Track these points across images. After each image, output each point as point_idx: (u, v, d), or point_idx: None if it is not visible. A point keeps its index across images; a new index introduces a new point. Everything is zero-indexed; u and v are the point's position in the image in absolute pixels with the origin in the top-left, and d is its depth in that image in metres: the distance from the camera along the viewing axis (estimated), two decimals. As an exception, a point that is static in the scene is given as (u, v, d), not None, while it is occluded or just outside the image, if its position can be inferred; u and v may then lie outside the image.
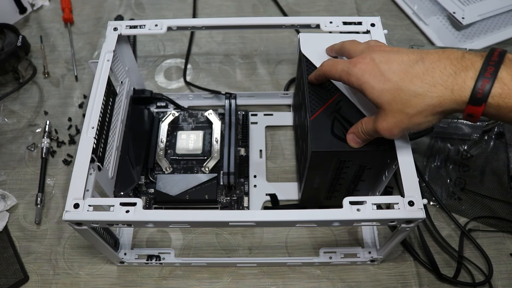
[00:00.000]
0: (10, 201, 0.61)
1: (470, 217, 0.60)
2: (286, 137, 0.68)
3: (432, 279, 0.56)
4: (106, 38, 0.55)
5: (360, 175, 0.51)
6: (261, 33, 0.81)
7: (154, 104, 0.69)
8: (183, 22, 0.56)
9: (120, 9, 0.84)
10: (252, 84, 0.74)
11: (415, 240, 0.59)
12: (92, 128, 0.47)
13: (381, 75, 0.39)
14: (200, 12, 0.85)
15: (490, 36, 0.77)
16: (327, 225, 0.55)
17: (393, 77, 0.38)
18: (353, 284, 0.56)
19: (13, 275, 0.56)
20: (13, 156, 0.67)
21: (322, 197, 0.57)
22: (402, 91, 0.38)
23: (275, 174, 0.65)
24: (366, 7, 0.84)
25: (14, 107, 0.72)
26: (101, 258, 0.58)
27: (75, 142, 0.68)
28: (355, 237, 0.59)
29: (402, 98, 0.38)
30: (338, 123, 0.47)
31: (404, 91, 0.38)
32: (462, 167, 0.63)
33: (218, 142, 0.64)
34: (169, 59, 0.78)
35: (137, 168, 0.61)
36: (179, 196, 0.59)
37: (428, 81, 0.37)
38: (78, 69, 0.76)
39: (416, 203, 0.41)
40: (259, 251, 0.59)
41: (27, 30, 0.81)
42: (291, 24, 0.56)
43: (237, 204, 0.61)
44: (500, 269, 0.56)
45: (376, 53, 0.41)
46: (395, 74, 0.38)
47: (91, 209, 0.42)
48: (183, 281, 0.56)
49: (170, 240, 0.59)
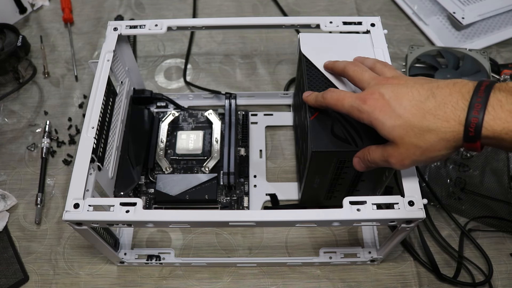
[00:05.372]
0: (10, 201, 0.61)
1: (470, 217, 0.60)
2: (286, 137, 0.68)
3: (432, 279, 0.56)
4: (106, 38, 0.55)
5: (360, 175, 0.51)
6: (261, 33, 0.81)
7: (154, 104, 0.69)
8: (183, 22, 0.56)
9: (120, 9, 0.84)
10: (252, 84, 0.74)
11: (415, 240, 0.59)
12: (92, 128, 0.47)
13: (392, 111, 0.38)
14: (200, 12, 0.85)
15: (490, 36, 0.77)
16: (327, 225, 0.56)
17: (404, 113, 0.38)
18: (353, 284, 0.56)
19: (13, 275, 0.56)
20: (13, 156, 0.67)
21: (322, 197, 0.57)
22: (415, 126, 0.37)
23: (275, 174, 0.65)
24: (366, 7, 0.84)
25: (14, 107, 0.72)
26: (101, 258, 0.58)
27: (75, 142, 0.68)
28: (355, 237, 0.59)
29: (416, 132, 0.37)
30: (338, 123, 0.47)
31: (417, 126, 0.37)
32: (462, 167, 0.63)
33: (218, 142, 0.64)
34: (169, 59, 0.78)
35: (137, 168, 0.61)
36: (179, 196, 0.59)
37: (441, 116, 0.36)
38: (78, 69, 0.76)
39: (416, 203, 0.41)
40: (259, 251, 0.59)
41: (27, 30, 0.81)
42: (291, 24, 0.56)
43: (237, 204, 0.61)
44: (500, 269, 0.56)
45: (384, 88, 0.40)
46: (406, 110, 0.38)
47: (91, 209, 0.42)
48: (183, 281, 0.56)
49: (170, 240, 0.59)
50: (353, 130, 0.46)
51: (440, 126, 0.36)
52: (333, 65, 0.49)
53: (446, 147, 0.37)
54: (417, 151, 0.38)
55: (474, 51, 0.70)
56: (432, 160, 0.39)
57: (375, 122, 0.39)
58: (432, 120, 0.36)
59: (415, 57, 0.72)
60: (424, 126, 0.37)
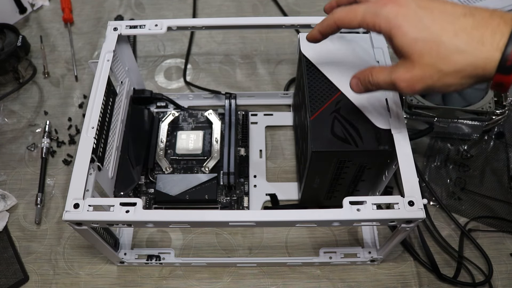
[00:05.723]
0: (10, 201, 0.61)
1: (470, 217, 0.60)
2: (286, 137, 0.68)
3: (432, 279, 0.56)
4: (106, 38, 0.55)
5: (360, 175, 0.51)
6: (261, 33, 0.81)
7: (154, 104, 0.69)
8: (183, 22, 0.56)
9: (120, 9, 0.84)
10: (252, 84, 0.74)
11: (415, 240, 0.59)
12: (92, 128, 0.47)
13: (419, 20, 0.33)
14: (200, 12, 0.85)
15: (490, 36, 0.77)
16: (327, 225, 0.56)
17: (434, 25, 0.32)
18: (353, 284, 0.56)
19: (13, 275, 0.56)
20: (13, 156, 0.67)
21: (322, 197, 0.57)
22: (443, 43, 0.32)
23: (275, 174, 0.65)
24: (366, 7, 0.84)
25: (14, 107, 0.72)
26: (101, 258, 0.58)
27: (75, 142, 0.68)
28: (355, 237, 0.59)
29: (441, 52, 0.32)
30: (338, 123, 0.47)
31: (445, 44, 0.32)
32: (462, 167, 0.63)
33: (218, 142, 0.64)
34: (169, 59, 0.78)
35: (137, 168, 0.61)
36: (179, 196, 0.59)
37: (476, 37, 0.31)
38: (78, 69, 0.76)
39: (416, 203, 0.41)
40: (259, 251, 0.59)
41: (27, 30, 0.81)
42: (291, 24, 0.56)
43: (237, 204, 0.61)
44: (500, 269, 0.56)
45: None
46: (436, 22, 0.32)
47: (91, 209, 0.42)
48: (183, 281, 0.56)
49: (170, 240, 0.59)
50: (353, 130, 0.46)
51: (473, 48, 0.31)
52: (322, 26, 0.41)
53: (471, 76, 0.32)
54: (436, 75, 0.33)
55: (474, 51, 0.70)
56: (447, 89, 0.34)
57: (394, 30, 0.34)
58: (465, 39, 0.32)
59: (415, 57, 0.72)
60: (454, 45, 0.32)
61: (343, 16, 0.38)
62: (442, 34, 0.32)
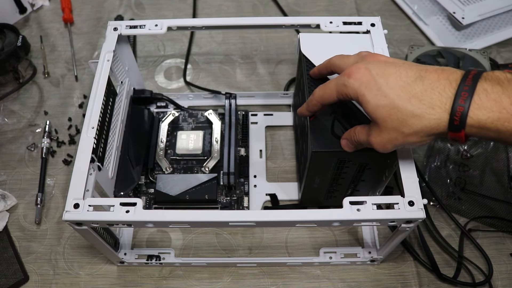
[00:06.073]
0: (10, 201, 0.61)
1: (470, 217, 0.60)
2: (286, 137, 0.68)
3: (432, 279, 0.56)
4: (106, 38, 0.55)
5: (360, 175, 0.51)
6: (261, 33, 0.81)
7: (154, 104, 0.69)
8: (183, 22, 0.56)
9: (120, 9, 0.84)
10: (252, 84, 0.74)
11: (415, 240, 0.59)
12: (92, 128, 0.47)
13: (378, 89, 0.37)
14: (200, 12, 0.85)
15: (490, 36, 0.77)
16: (327, 225, 0.55)
17: (390, 93, 0.36)
18: (353, 284, 0.56)
19: (13, 275, 0.56)
20: (13, 156, 0.67)
21: (322, 197, 0.57)
22: (399, 110, 0.36)
23: (275, 174, 0.65)
24: (366, 7, 0.84)
25: (14, 107, 0.72)
26: (101, 258, 0.58)
27: (75, 142, 0.68)
28: (355, 237, 0.59)
29: (399, 116, 0.36)
30: (338, 123, 0.47)
31: (401, 110, 0.36)
32: (462, 167, 0.63)
33: (218, 142, 0.64)
34: (169, 59, 0.78)
35: (137, 168, 0.61)
36: (179, 196, 0.59)
37: (426, 102, 0.35)
38: (78, 69, 0.76)
39: (416, 203, 0.41)
40: (259, 251, 0.59)
41: (27, 30, 0.81)
42: (291, 24, 0.56)
43: (237, 204, 0.61)
44: (500, 269, 0.56)
45: (371, 64, 0.39)
46: (392, 90, 0.36)
47: (91, 209, 0.42)
48: (183, 281, 0.56)
49: (170, 240, 0.59)
50: (353, 130, 0.46)
51: (425, 112, 0.35)
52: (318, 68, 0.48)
53: (429, 134, 0.36)
54: (399, 136, 0.37)
55: (474, 51, 0.70)
56: (413, 146, 0.38)
57: (360, 98, 0.38)
58: (417, 105, 0.35)
59: (415, 57, 0.72)
60: (409, 111, 0.36)
61: (322, 95, 0.42)
62: (398, 101, 0.36)
